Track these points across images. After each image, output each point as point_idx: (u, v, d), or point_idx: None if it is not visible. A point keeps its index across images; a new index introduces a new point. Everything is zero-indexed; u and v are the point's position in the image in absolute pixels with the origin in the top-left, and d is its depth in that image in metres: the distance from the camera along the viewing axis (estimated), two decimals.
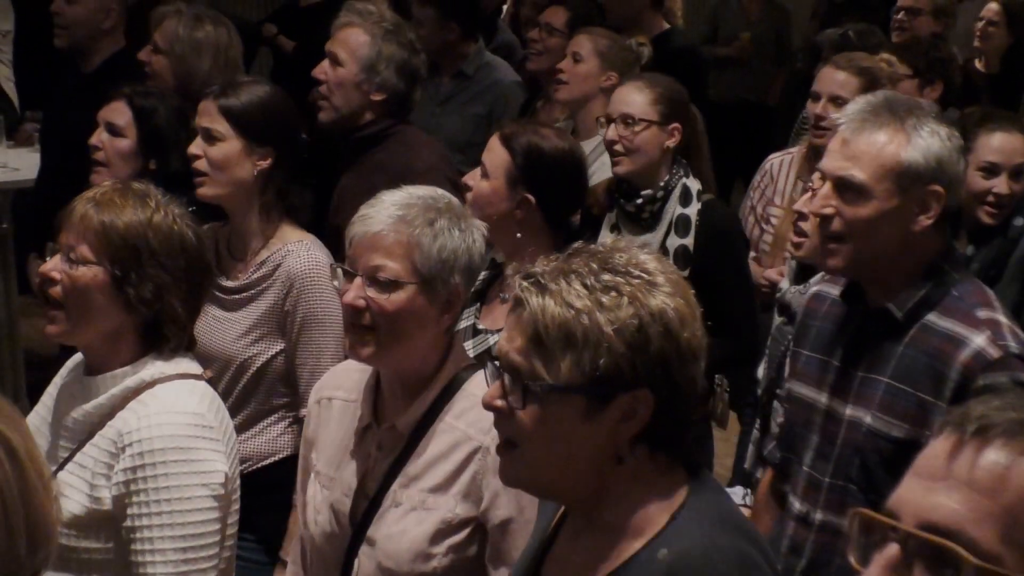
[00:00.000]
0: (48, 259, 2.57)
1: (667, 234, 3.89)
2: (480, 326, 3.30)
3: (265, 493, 3.38)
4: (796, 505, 2.73)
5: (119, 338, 2.56)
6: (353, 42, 3.95)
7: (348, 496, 2.55)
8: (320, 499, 2.59)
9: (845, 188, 2.57)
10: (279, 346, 3.39)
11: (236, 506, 2.62)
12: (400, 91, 3.99)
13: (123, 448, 2.46)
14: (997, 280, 4.05)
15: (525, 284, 1.83)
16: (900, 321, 2.59)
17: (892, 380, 2.58)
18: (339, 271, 2.55)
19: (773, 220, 4.42)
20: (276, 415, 3.44)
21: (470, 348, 3.12)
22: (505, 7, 7.70)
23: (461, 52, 5.68)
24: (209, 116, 3.40)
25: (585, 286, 1.80)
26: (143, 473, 2.44)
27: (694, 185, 3.94)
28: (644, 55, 4.91)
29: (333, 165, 4.12)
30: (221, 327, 3.42)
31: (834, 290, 2.77)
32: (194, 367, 2.63)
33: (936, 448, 1.28)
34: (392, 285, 2.45)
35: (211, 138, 3.39)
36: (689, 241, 3.87)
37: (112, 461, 2.46)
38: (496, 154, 3.25)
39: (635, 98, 3.94)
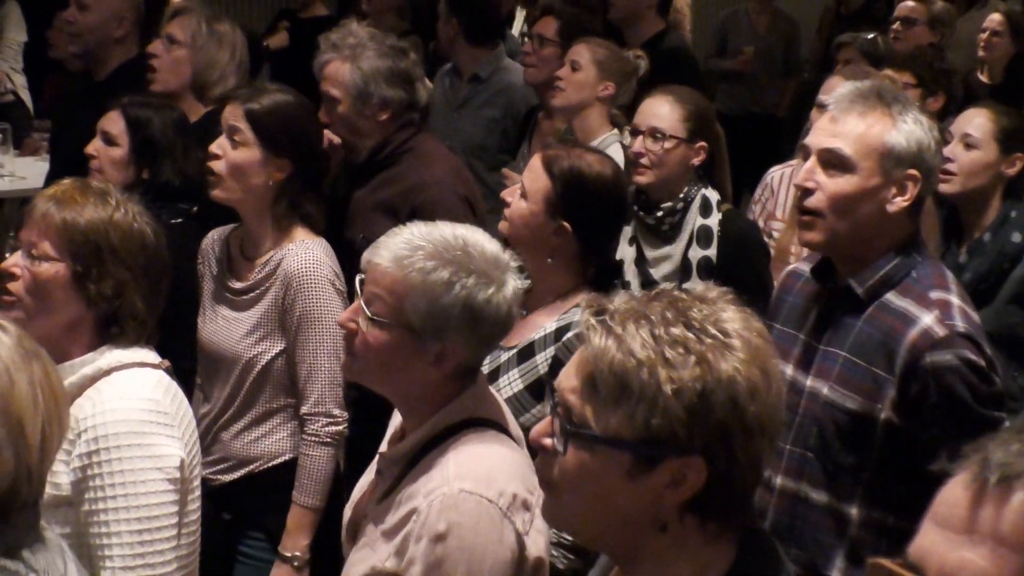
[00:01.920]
0: (8, 255, 2.60)
1: (688, 245, 3.87)
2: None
3: (273, 493, 3.40)
4: None
5: (77, 330, 2.59)
6: (338, 76, 3.89)
7: (350, 509, 2.57)
8: (345, 512, 2.62)
9: (829, 163, 2.66)
10: (281, 345, 3.39)
11: (196, 493, 2.64)
12: (401, 98, 3.91)
13: (79, 434, 2.48)
14: (989, 293, 4.09)
15: (592, 321, 1.69)
16: (861, 298, 2.67)
17: (849, 354, 2.66)
18: (357, 283, 2.49)
19: (775, 233, 4.42)
20: (283, 415, 3.43)
21: (485, 365, 3.07)
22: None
23: (470, 54, 5.68)
24: (236, 119, 3.41)
25: (653, 336, 1.64)
26: (98, 458, 2.47)
27: (713, 196, 3.93)
28: (641, 67, 4.92)
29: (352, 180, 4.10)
30: (229, 327, 3.43)
31: (807, 268, 2.85)
32: (152, 356, 2.64)
33: (956, 495, 1.21)
34: (379, 322, 2.39)
35: (234, 140, 3.40)
36: (712, 252, 3.85)
37: (69, 447, 2.48)
38: (536, 177, 3.13)
39: (666, 112, 3.92)
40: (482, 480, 2.30)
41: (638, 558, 1.72)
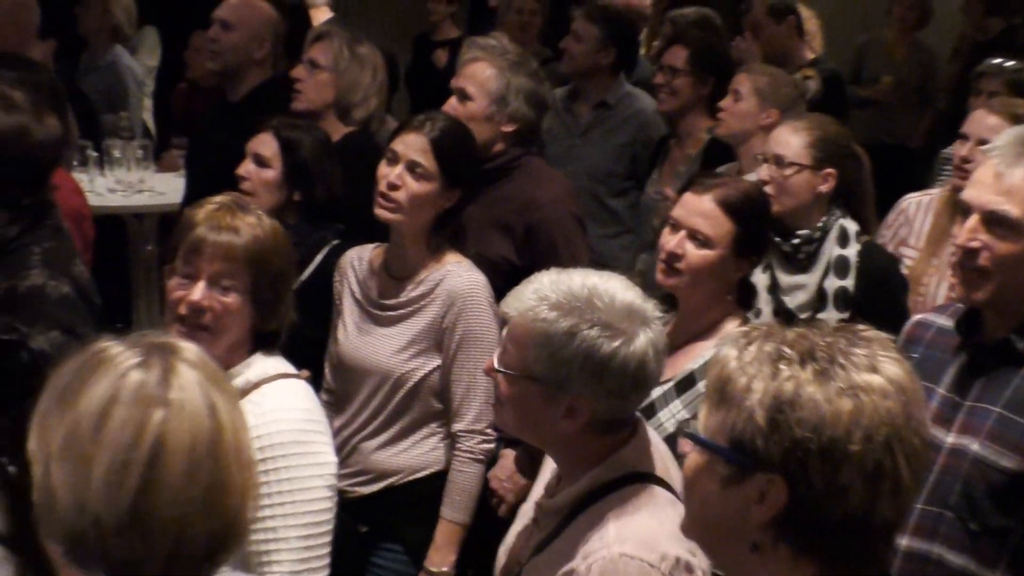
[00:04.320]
0: (171, 282, 2.67)
1: (824, 275, 3.82)
2: None
3: (414, 506, 3.45)
4: None
5: (243, 345, 2.69)
6: (481, 76, 4.01)
7: (504, 556, 2.56)
8: (508, 535, 2.61)
9: (996, 223, 2.50)
10: (436, 362, 3.43)
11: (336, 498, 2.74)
12: (530, 120, 4.04)
13: None
14: None
15: (732, 335, 1.74)
16: (1020, 352, 2.54)
17: (1005, 411, 2.52)
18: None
19: (907, 261, 4.34)
20: (427, 429, 3.48)
21: None
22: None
23: (605, 81, 5.68)
24: (422, 152, 3.43)
25: (762, 350, 1.66)
26: (265, 467, 2.51)
27: (851, 226, 3.87)
28: (810, 89, 4.88)
29: None
30: (377, 342, 3.48)
31: (939, 319, 2.73)
32: (290, 367, 2.74)
33: None
34: (506, 374, 2.39)
35: (415, 172, 3.43)
36: (849, 283, 3.80)
37: None
38: (719, 222, 3.10)
39: (790, 140, 3.88)
40: (643, 543, 2.25)
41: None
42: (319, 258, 3.79)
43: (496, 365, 2.40)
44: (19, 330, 2.94)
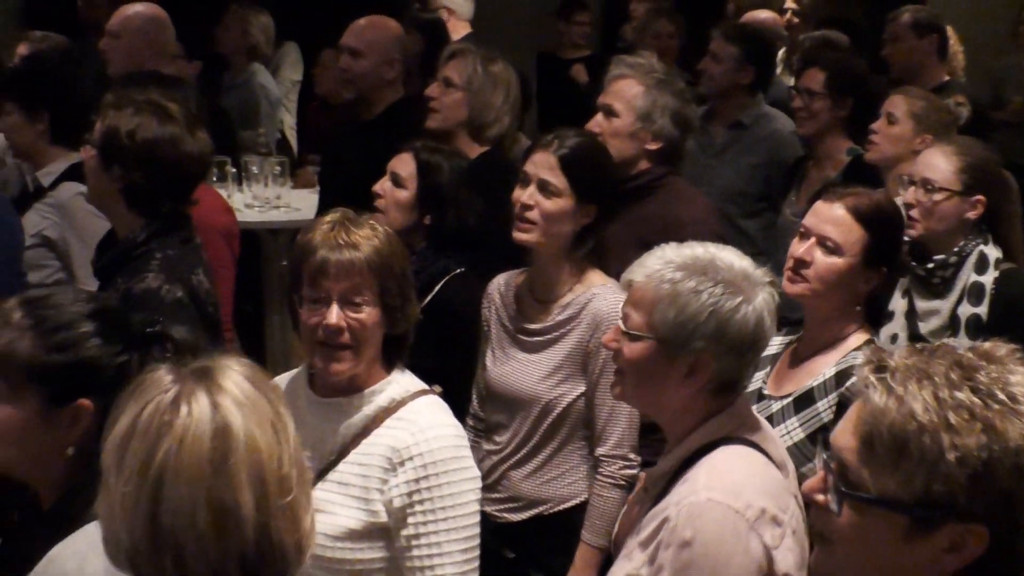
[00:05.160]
0: (302, 310, 2.70)
1: (959, 301, 3.74)
2: (766, 391, 3.20)
3: (561, 535, 3.43)
4: None
5: (378, 355, 2.75)
6: (628, 93, 4.00)
7: (615, 528, 2.68)
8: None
9: None
10: (582, 387, 3.41)
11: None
12: (674, 139, 4.02)
13: (401, 462, 2.64)
14: None
15: (872, 378, 1.66)
16: None
17: None
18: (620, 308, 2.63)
19: None
20: (576, 457, 3.45)
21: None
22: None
23: (742, 101, 5.64)
24: (549, 169, 3.43)
25: (936, 398, 1.60)
26: (427, 483, 2.64)
27: (992, 253, 3.77)
28: (962, 115, 4.77)
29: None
30: (524, 368, 3.47)
31: None
32: (423, 383, 2.81)
33: None
34: (633, 336, 2.50)
35: (547, 191, 3.43)
36: (982, 310, 3.70)
37: (386, 476, 2.65)
38: (849, 229, 3.12)
39: (940, 164, 3.79)
40: (730, 490, 2.37)
41: None
42: (437, 288, 3.76)
43: (623, 328, 2.51)
44: (161, 322, 3.01)
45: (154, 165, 3.22)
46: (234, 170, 6.42)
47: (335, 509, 2.67)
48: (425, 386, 2.79)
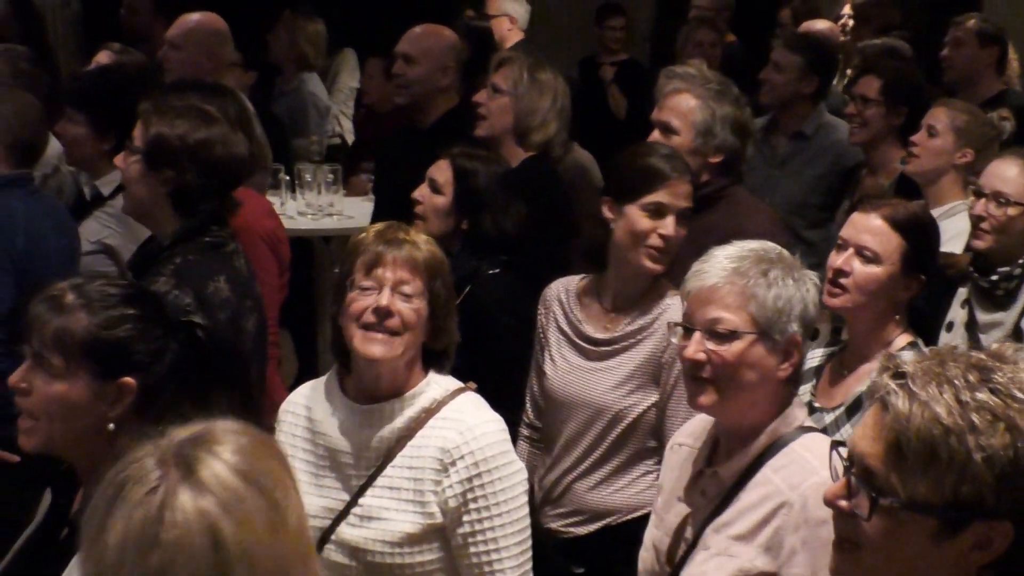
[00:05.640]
0: (351, 294, 2.71)
1: (1022, 314, 3.71)
2: (816, 404, 3.19)
3: (631, 545, 3.34)
4: None
5: (416, 360, 2.76)
6: (684, 108, 3.94)
7: (668, 536, 2.63)
8: (649, 537, 2.71)
9: None
10: (652, 398, 3.38)
11: None
12: (736, 149, 3.98)
13: (452, 462, 2.67)
14: None
15: (892, 385, 1.69)
16: None
17: None
18: (677, 328, 2.62)
19: None
20: (643, 466, 3.41)
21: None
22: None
23: (804, 111, 5.60)
24: (686, 198, 3.41)
25: (958, 401, 1.64)
26: (480, 481, 2.67)
27: None
28: (1006, 130, 4.71)
29: None
30: (591, 377, 3.43)
31: None
32: (458, 381, 2.82)
33: None
34: (731, 336, 2.52)
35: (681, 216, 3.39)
36: None
37: (439, 477, 2.67)
38: (887, 238, 3.13)
39: (1013, 176, 3.77)
40: None
41: None
42: (468, 288, 3.76)
43: (718, 331, 2.51)
44: (190, 311, 3.08)
45: (206, 164, 3.26)
46: (287, 177, 6.46)
47: (390, 515, 2.70)
48: (461, 384, 2.81)
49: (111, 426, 2.33)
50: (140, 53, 5.82)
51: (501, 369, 3.63)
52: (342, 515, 2.75)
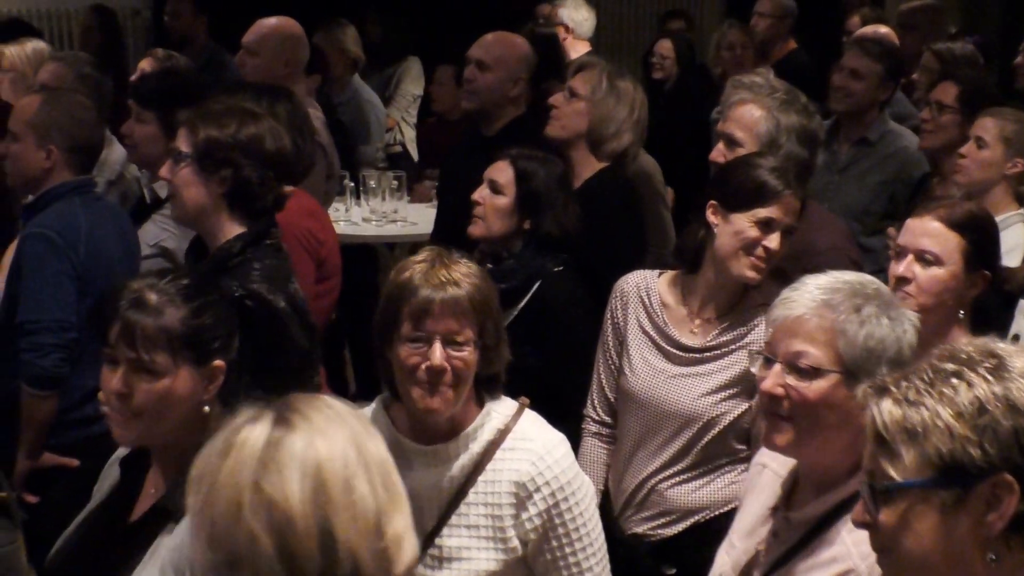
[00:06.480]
0: (402, 349, 2.64)
1: None
2: None
3: (719, 542, 3.33)
4: None
5: (471, 398, 2.72)
6: (749, 119, 3.88)
7: (735, 572, 2.54)
8: (718, 563, 2.61)
9: None
10: (745, 405, 3.31)
11: None
12: (803, 159, 3.87)
13: (529, 495, 2.64)
14: None
15: (869, 391, 1.79)
16: None
17: None
18: (758, 356, 2.49)
19: None
20: (732, 464, 3.35)
21: None
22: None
23: (872, 118, 5.54)
24: (793, 215, 3.35)
25: (924, 379, 1.74)
26: (559, 508, 2.66)
27: None
28: None
29: None
30: (678, 383, 3.37)
31: None
32: (512, 400, 2.77)
33: None
34: (813, 373, 2.37)
35: (786, 233, 3.35)
36: None
37: (517, 511, 2.64)
38: (946, 238, 3.09)
39: None
40: None
41: None
42: (534, 288, 3.79)
43: (800, 366, 2.37)
44: (239, 285, 3.13)
45: (261, 158, 3.27)
46: (352, 184, 6.48)
47: (471, 554, 2.67)
48: (515, 403, 2.77)
49: (206, 408, 2.46)
50: (184, 58, 5.86)
51: (577, 362, 3.63)
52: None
